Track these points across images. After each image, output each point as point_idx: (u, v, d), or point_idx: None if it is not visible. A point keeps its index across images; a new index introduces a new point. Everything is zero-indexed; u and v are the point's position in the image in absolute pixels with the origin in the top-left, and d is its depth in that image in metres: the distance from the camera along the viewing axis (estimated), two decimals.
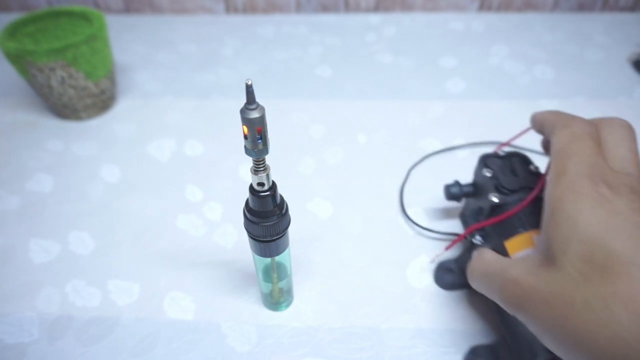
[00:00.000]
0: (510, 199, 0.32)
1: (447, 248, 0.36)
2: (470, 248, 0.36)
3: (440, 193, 0.43)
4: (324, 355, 0.33)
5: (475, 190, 0.36)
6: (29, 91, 0.58)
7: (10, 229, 0.42)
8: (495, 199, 0.32)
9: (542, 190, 0.29)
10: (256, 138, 0.22)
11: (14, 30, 0.50)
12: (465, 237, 0.34)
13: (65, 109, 0.52)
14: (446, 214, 0.42)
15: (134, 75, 0.61)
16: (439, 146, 0.49)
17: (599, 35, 0.66)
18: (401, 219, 0.42)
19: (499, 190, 0.33)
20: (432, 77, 0.59)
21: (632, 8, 0.72)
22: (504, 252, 0.30)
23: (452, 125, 0.51)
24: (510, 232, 0.31)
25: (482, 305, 0.35)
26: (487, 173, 0.34)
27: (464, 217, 0.35)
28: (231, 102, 0.56)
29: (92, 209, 0.44)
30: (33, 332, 0.34)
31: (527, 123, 0.31)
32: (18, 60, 0.47)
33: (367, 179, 0.46)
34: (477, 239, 0.33)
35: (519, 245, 0.30)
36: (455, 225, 0.41)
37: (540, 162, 0.36)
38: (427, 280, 0.37)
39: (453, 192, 0.37)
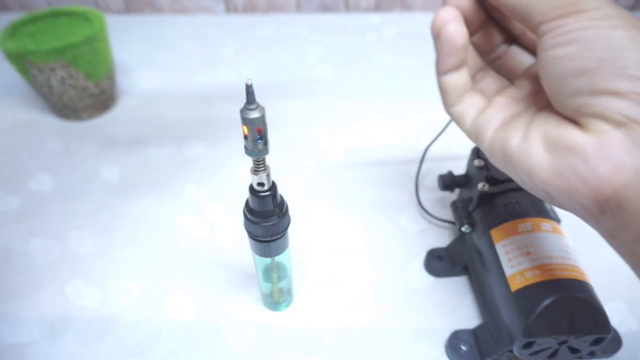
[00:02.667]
0: (498, 189, 0.33)
1: None
2: (460, 237, 0.36)
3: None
4: (324, 355, 0.33)
5: (467, 180, 0.37)
6: (29, 91, 0.58)
7: (10, 229, 0.42)
8: (482, 188, 0.33)
9: None
10: (256, 138, 0.22)
11: (14, 30, 0.50)
12: None
13: (65, 109, 0.52)
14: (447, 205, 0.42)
15: (134, 75, 0.61)
16: (439, 146, 0.49)
17: None
18: (401, 219, 0.42)
19: (488, 180, 0.34)
20: (432, 77, 0.59)
21: (632, 8, 0.72)
22: (489, 241, 0.32)
23: (451, 125, 0.51)
24: (496, 222, 0.32)
25: (469, 293, 0.36)
26: (478, 164, 0.35)
27: (455, 206, 0.36)
28: (231, 102, 0.56)
29: (92, 209, 0.44)
30: (33, 332, 0.34)
31: None
32: (18, 60, 0.47)
33: (367, 179, 0.46)
34: (465, 227, 0.34)
35: (504, 234, 0.31)
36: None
37: None
38: (427, 280, 0.37)
39: (446, 182, 0.38)
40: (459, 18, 0.25)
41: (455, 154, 0.48)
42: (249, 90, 0.21)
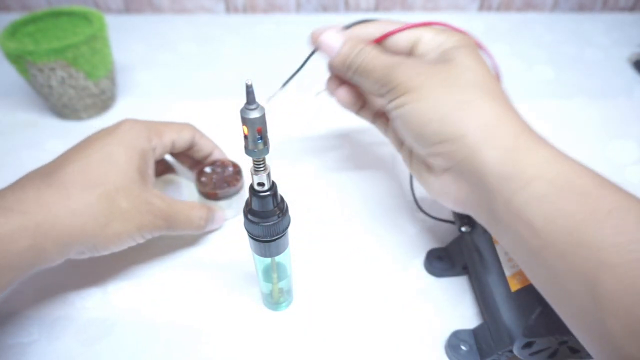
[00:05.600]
0: None
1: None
2: (460, 237, 0.36)
3: None
4: (324, 355, 0.33)
5: None
6: (29, 91, 0.58)
7: None
8: None
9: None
10: (256, 138, 0.22)
11: (14, 30, 0.50)
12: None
13: (65, 109, 0.52)
14: None
15: (134, 75, 0.61)
16: None
17: (599, 36, 0.66)
18: (401, 219, 0.42)
19: None
20: None
21: (632, 8, 0.72)
22: (489, 241, 0.32)
23: None
24: None
25: (469, 293, 0.36)
26: None
27: None
28: (231, 102, 0.56)
29: None
30: (33, 332, 0.34)
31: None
32: (18, 60, 0.47)
33: (367, 179, 0.46)
34: (465, 228, 0.34)
35: None
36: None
37: None
38: (427, 280, 0.37)
39: None
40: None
41: None
42: (249, 90, 0.21)
